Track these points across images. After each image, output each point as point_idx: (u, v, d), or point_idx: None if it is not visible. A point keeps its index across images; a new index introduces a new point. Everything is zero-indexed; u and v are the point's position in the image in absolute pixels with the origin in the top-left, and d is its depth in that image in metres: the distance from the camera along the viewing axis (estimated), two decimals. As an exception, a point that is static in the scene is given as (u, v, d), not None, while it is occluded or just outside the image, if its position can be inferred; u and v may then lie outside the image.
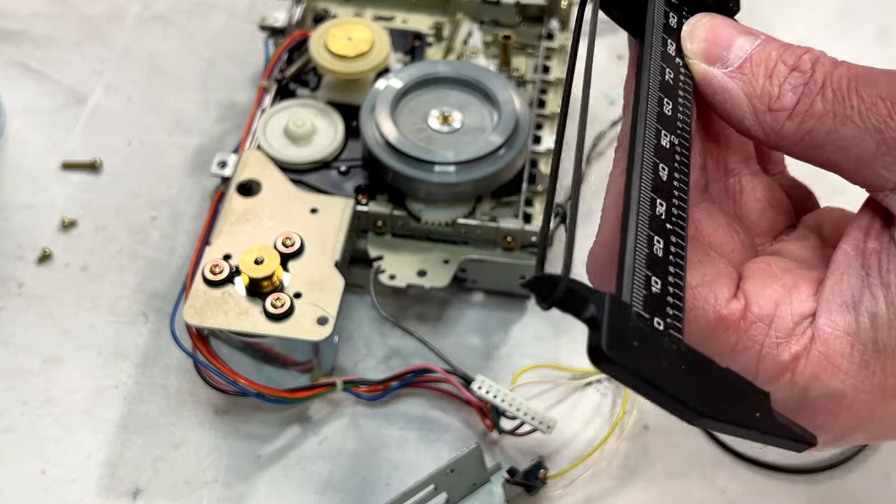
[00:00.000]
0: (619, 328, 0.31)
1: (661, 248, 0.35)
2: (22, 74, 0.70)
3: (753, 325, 0.35)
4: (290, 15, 0.64)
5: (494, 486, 0.51)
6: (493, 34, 0.65)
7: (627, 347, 0.31)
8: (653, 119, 0.38)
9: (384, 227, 0.56)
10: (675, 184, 0.37)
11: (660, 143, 0.37)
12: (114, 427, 0.54)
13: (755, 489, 0.53)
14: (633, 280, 0.33)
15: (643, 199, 0.35)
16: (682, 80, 0.39)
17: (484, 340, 0.58)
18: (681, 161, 0.37)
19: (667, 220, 0.36)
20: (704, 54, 0.39)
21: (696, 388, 0.32)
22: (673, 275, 0.34)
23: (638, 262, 0.34)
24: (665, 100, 0.38)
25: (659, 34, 0.40)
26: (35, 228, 0.62)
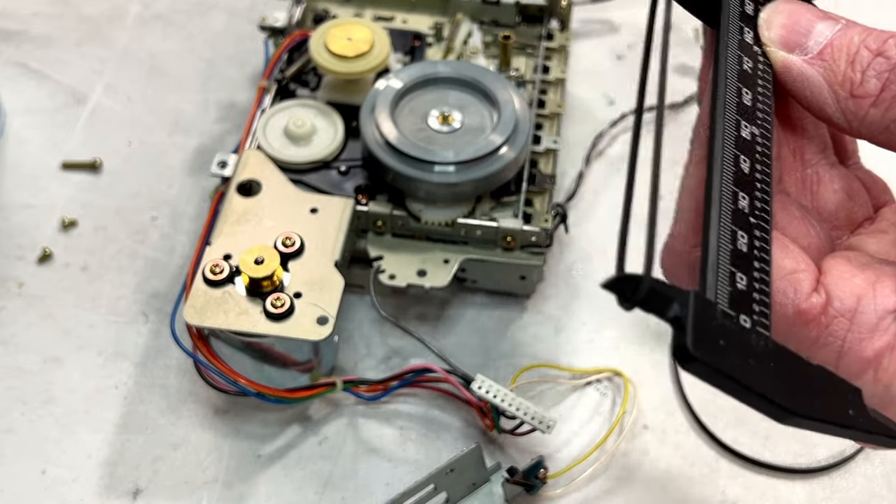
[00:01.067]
0: (705, 327, 0.30)
1: (745, 244, 0.34)
2: (22, 74, 0.70)
3: (835, 319, 0.34)
4: (290, 15, 0.64)
5: (494, 485, 0.52)
6: (493, 34, 0.65)
7: (714, 346, 0.30)
8: (732, 110, 0.36)
9: (384, 227, 0.56)
10: (758, 176, 0.36)
11: (740, 134, 0.36)
12: (114, 427, 0.54)
13: (754, 488, 0.53)
14: (718, 277, 0.32)
15: (725, 193, 0.34)
16: (760, 68, 0.38)
17: (484, 340, 0.58)
18: (762, 152, 0.36)
19: (750, 213, 0.34)
20: (783, 41, 0.38)
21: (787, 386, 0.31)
22: (758, 270, 0.34)
23: (722, 259, 0.33)
24: (744, 89, 0.37)
25: (735, 22, 0.39)
26: (35, 228, 0.62)
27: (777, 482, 0.53)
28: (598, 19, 0.75)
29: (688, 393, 0.56)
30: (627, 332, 0.59)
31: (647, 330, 0.59)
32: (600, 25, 0.75)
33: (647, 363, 0.57)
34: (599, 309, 0.59)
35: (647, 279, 0.31)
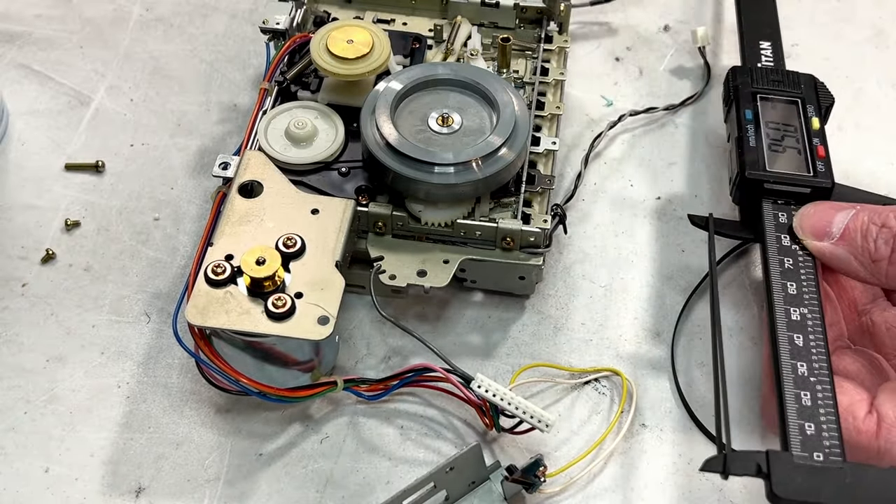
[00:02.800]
0: (783, 474, 0.44)
1: (808, 399, 0.47)
2: (25, 76, 0.71)
3: (889, 430, 0.46)
4: (291, 18, 0.65)
5: (493, 483, 0.52)
6: (492, 37, 0.66)
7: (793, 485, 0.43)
8: (780, 301, 0.50)
9: (384, 228, 0.56)
10: (812, 345, 0.49)
11: (790, 318, 0.50)
12: (116, 426, 0.55)
13: (753, 487, 0.53)
14: (789, 432, 0.46)
15: (785, 366, 0.48)
16: (800, 263, 0.52)
17: (483, 340, 0.58)
18: (812, 326, 0.49)
19: (809, 375, 0.47)
20: (814, 234, 0.52)
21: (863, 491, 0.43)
22: (824, 415, 0.46)
23: (791, 417, 0.46)
24: (789, 283, 0.51)
25: (773, 233, 0.54)
26: (38, 229, 0.63)
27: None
28: (597, 22, 0.75)
29: (685, 392, 0.56)
30: (626, 332, 0.59)
31: (645, 330, 0.59)
32: (598, 28, 0.75)
33: (646, 362, 0.58)
34: (598, 309, 0.60)
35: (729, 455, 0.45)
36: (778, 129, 0.58)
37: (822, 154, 0.57)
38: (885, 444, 0.46)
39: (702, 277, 0.61)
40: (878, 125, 0.70)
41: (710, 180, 0.66)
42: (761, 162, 0.56)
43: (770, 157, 0.57)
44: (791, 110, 0.59)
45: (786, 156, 0.57)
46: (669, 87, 0.72)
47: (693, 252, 0.62)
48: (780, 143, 0.57)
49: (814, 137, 0.58)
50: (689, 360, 0.58)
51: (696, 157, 0.67)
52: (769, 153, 0.57)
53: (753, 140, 0.57)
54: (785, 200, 0.55)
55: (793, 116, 0.59)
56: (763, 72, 0.62)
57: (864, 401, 0.47)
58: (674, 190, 0.66)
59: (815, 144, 0.57)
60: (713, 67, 0.72)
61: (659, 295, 0.61)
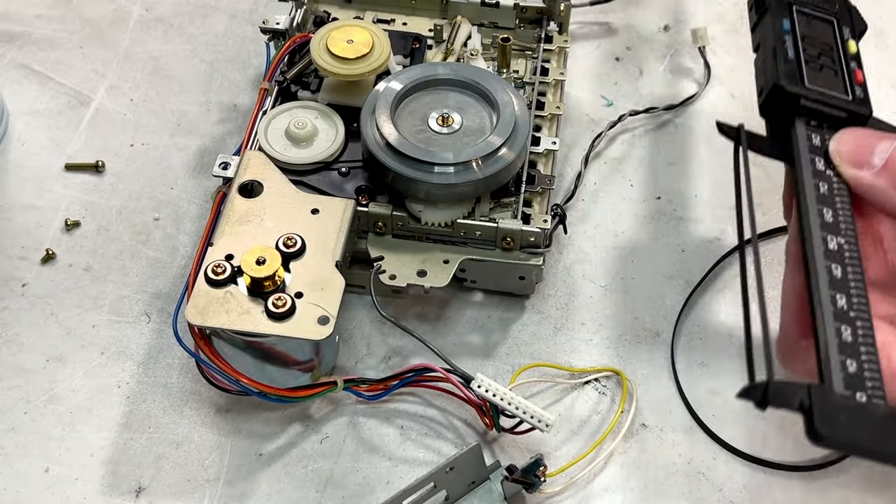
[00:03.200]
0: (826, 410, 0.40)
1: (849, 335, 0.43)
2: (25, 76, 0.71)
3: None
4: (291, 18, 0.65)
5: (493, 483, 0.52)
6: (492, 36, 0.66)
7: (836, 424, 0.39)
8: (817, 228, 0.46)
9: (384, 228, 0.57)
10: (850, 277, 0.45)
11: (828, 247, 0.45)
12: (116, 426, 0.55)
13: (752, 486, 0.53)
14: (831, 367, 0.41)
15: (824, 298, 0.44)
16: (836, 189, 0.48)
17: (483, 339, 0.58)
18: (850, 257, 0.45)
19: (849, 309, 0.43)
20: (852, 161, 0.48)
21: None
22: (865, 353, 0.42)
23: (832, 352, 0.42)
24: (824, 209, 0.47)
25: (807, 155, 0.49)
26: (38, 229, 0.63)
27: (774, 480, 0.53)
28: (597, 22, 0.75)
29: (686, 391, 0.56)
30: (626, 332, 0.59)
31: (645, 330, 0.59)
32: (598, 28, 0.75)
33: (646, 362, 0.58)
34: (598, 309, 0.60)
35: (771, 386, 0.40)
36: (815, 46, 0.53)
37: (861, 79, 0.52)
38: None
39: (701, 277, 0.61)
40: (878, 125, 0.70)
41: (710, 180, 0.66)
42: (799, 76, 0.51)
43: (809, 72, 0.51)
44: (826, 29, 0.55)
45: (823, 74, 0.52)
46: (669, 87, 0.72)
47: (693, 252, 0.62)
48: (818, 61, 0.52)
49: (851, 61, 0.53)
50: (689, 360, 0.58)
51: (696, 157, 0.67)
52: (807, 69, 0.51)
53: (791, 52, 0.52)
54: (819, 122, 0.50)
55: (828, 35, 0.54)
56: None
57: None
58: (674, 190, 0.66)
59: (853, 68, 0.53)
60: (713, 67, 0.72)
61: (659, 295, 0.61)
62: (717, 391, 0.57)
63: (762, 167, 0.67)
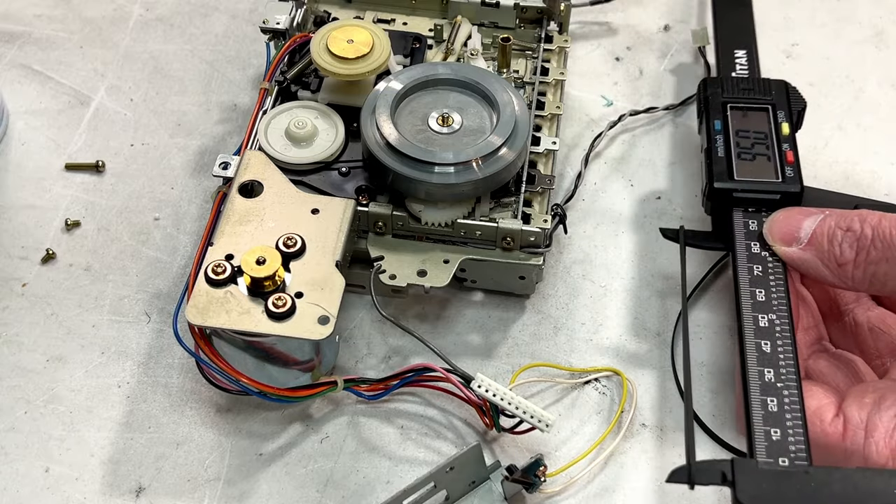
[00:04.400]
0: (747, 481, 0.44)
1: (775, 405, 0.47)
2: (25, 76, 0.71)
3: (855, 433, 0.46)
4: (291, 18, 0.65)
5: (493, 483, 0.52)
6: (493, 36, 0.66)
7: (758, 492, 0.43)
8: (748, 308, 0.50)
9: (384, 228, 0.57)
10: (780, 350, 0.49)
11: (759, 325, 0.50)
12: (117, 425, 0.55)
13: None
14: (755, 438, 0.46)
15: (752, 373, 0.48)
16: (770, 269, 0.52)
17: (483, 339, 0.58)
18: (780, 331, 0.49)
19: (776, 381, 0.47)
20: (782, 240, 0.52)
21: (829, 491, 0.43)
22: (790, 419, 0.46)
23: (756, 423, 0.46)
24: (757, 290, 0.51)
25: (743, 241, 0.54)
26: (39, 229, 0.63)
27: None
28: (597, 22, 0.75)
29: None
30: (626, 332, 0.59)
31: (645, 330, 0.59)
32: (598, 28, 0.75)
33: (646, 362, 0.58)
34: (598, 308, 0.60)
35: (693, 465, 0.44)
36: (748, 138, 0.58)
37: (791, 159, 0.56)
38: (852, 445, 0.46)
39: (701, 277, 0.61)
40: (878, 125, 0.70)
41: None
42: (729, 171, 0.56)
43: (739, 165, 0.56)
44: (762, 117, 0.59)
45: (755, 164, 0.57)
46: (669, 87, 0.72)
47: (693, 252, 0.62)
48: (750, 151, 0.57)
49: (783, 143, 0.57)
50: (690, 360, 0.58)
51: (696, 157, 0.67)
52: (738, 162, 0.56)
53: (722, 150, 0.57)
54: (756, 208, 0.55)
55: (763, 123, 0.59)
56: (734, 81, 0.62)
57: (832, 404, 0.47)
58: (674, 190, 0.66)
59: (785, 150, 0.57)
60: (713, 67, 0.72)
61: (659, 295, 0.61)
62: (718, 391, 0.57)
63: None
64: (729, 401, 0.56)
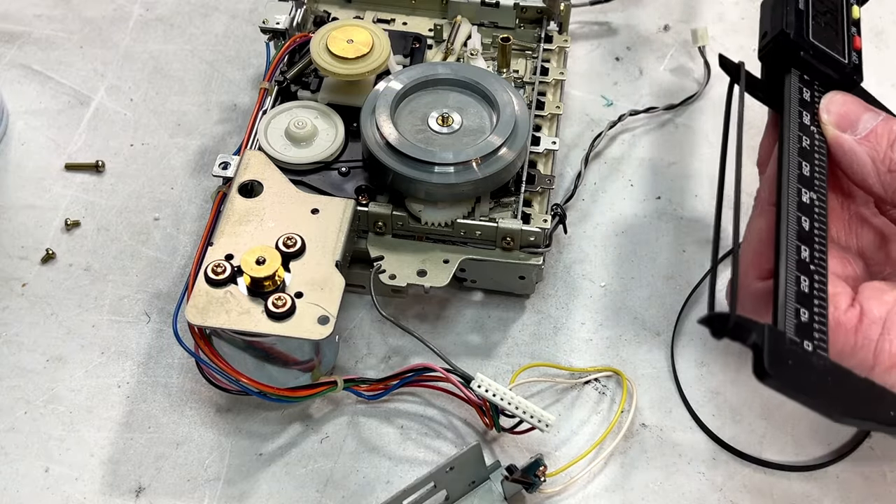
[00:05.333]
0: (777, 351, 0.40)
1: (806, 286, 0.44)
2: (25, 76, 0.71)
3: (870, 326, 0.44)
4: (291, 17, 0.65)
5: (493, 483, 0.52)
6: (492, 36, 0.66)
7: (784, 366, 0.40)
8: (794, 179, 0.47)
9: (384, 228, 0.57)
10: (816, 232, 0.46)
11: (801, 199, 0.46)
12: (116, 425, 0.55)
13: (752, 486, 0.53)
14: (786, 313, 0.42)
15: (790, 247, 0.44)
16: (817, 145, 0.49)
17: (483, 339, 0.58)
18: (819, 213, 0.47)
19: (810, 262, 0.45)
20: (838, 123, 0.49)
21: (840, 395, 0.41)
22: (817, 306, 0.43)
23: (789, 298, 0.43)
24: (804, 163, 0.48)
25: (796, 108, 0.49)
26: (38, 229, 0.63)
27: (774, 479, 0.53)
28: (597, 21, 0.75)
29: (686, 391, 0.56)
30: (626, 332, 0.59)
31: (645, 330, 0.59)
32: (598, 27, 0.75)
33: (646, 362, 0.58)
34: (598, 308, 0.60)
35: (733, 317, 0.40)
36: (822, 2, 0.53)
37: (858, 46, 0.53)
38: (863, 339, 0.44)
39: (701, 277, 0.61)
40: (878, 125, 0.70)
41: (710, 180, 0.66)
42: (805, 27, 0.51)
43: (814, 27, 0.52)
44: None
45: (826, 33, 0.52)
46: (669, 87, 0.72)
47: (693, 252, 0.62)
48: (823, 17, 0.53)
49: (852, 25, 0.54)
50: (689, 359, 0.58)
51: (696, 157, 0.67)
52: (814, 23, 0.52)
53: (802, 2, 0.52)
54: (812, 78, 0.51)
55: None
56: None
57: (847, 294, 0.45)
58: (674, 190, 0.66)
59: (853, 34, 0.53)
60: (713, 67, 0.72)
61: (659, 295, 0.61)
62: (718, 391, 0.57)
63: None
64: (729, 401, 0.56)
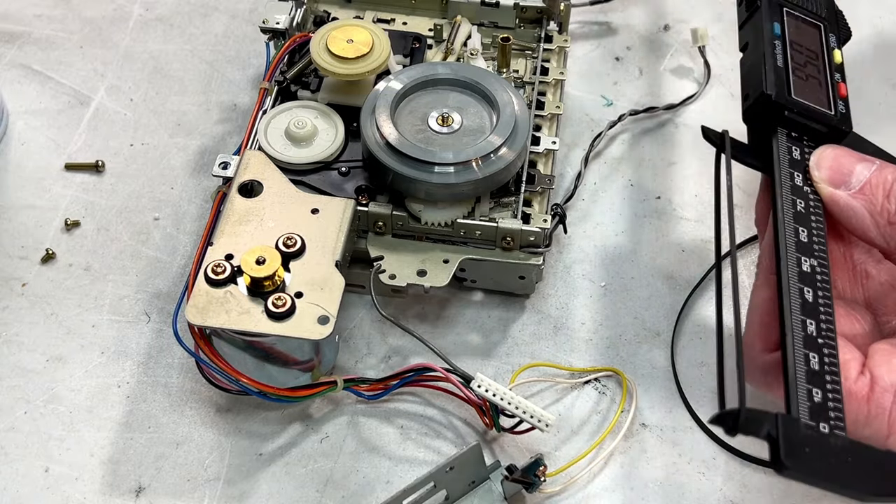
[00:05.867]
0: (792, 440, 0.39)
1: (816, 363, 0.42)
2: (25, 76, 0.71)
3: (882, 394, 0.42)
4: (291, 17, 0.65)
5: (493, 483, 0.52)
6: (492, 36, 0.66)
7: (801, 455, 0.39)
8: (793, 248, 0.45)
9: (384, 228, 0.57)
10: (821, 301, 0.44)
11: (801, 269, 0.44)
12: (116, 425, 0.55)
13: (752, 486, 0.53)
14: (798, 396, 0.41)
15: (795, 323, 0.42)
16: (812, 206, 0.47)
17: (483, 339, 0.58)
18: (822, 280, 0.44)
19: (818, 335, 0.42)
20: (830, 179, 0.47)
21: (863, 473, 0.40)
22: (830, 381, 0.42)
23: (799, 380, 0.41)
24: (800, 229, 0.45)
25: (787, 170, 0.48)
26: (38, 229, 0.63)
27: (774, 479, 0.53)
28: (597, 21, 0.75)
29: (686, 391, 0.56)
30: (626, 332, 0.59)
31: (645, 330, 0.59)
32: (598, 27, 0.75)
33: (646, 362, 0.58)
34: (598, 308, 0.60)
35: (743, 411, 0.39)
36: (801, 53, 0.51)
37: (843, 94, 0.51)
38: (876, 409, 0.42)
39: (701, 277, 0.61)
40: (878, 125, 0.70)
41: (709, 180, 0.66)
42: (787, 86, 0.50)
43: (795, 83, 0.50)
44: (814, 35, 0.53)
45: (809, 86, 0.50)
46: (669, 87, 0.72)
47: (693, 252, 0.62)
48: (804, 70, 0.51)
49: (835, 72, 0.52)
50: (689, 359, 0.58)
51: (696, 157, 0.67)
52: (794, 79, 0.50)
53: (781, 59, 0.50)
54: (799, 135, 0.49)
55: (815, 42, 0.53)
56: None
57: (857, 360, 0.43)
58: (674, 190, 0.66)
59: (837, 81, 0.51)
60: (713, 67, 0.72)
61: (659, 295, 0.61)
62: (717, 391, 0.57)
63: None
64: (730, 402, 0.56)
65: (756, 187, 0.63)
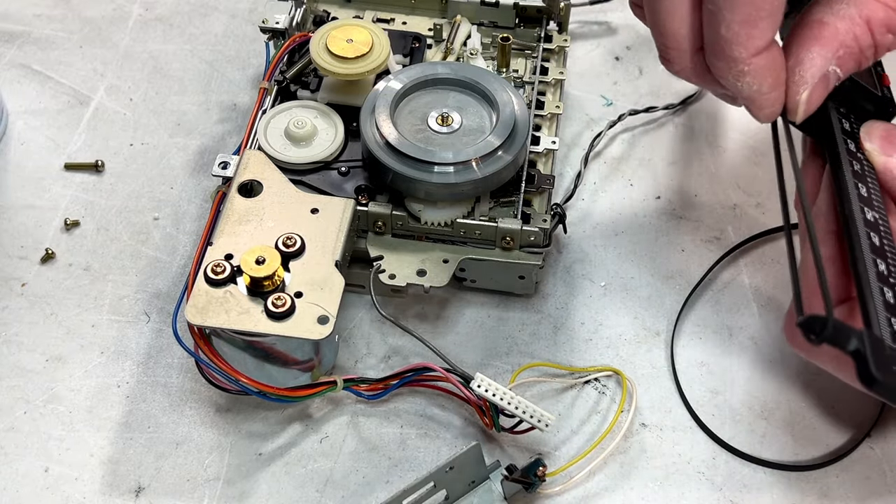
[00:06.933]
0: (881, 356, 0.40)
1: (891, 296, 0.45)
2: (24, 76, 0.71)
3: None
4: (291, 17, 0.65)
5: (493, 483, 0.52)
6: (492, 36, 0.66)
7: (889, 370, 0.40)
8: (856, 199, 0.48)
9: (384, 227, 0.57)
10: (887, 246, 0.47)
11: (866, 217, 0.47)
12: (116, 425, 0.55)
13: (752, 486, 0.53)
14: (880, 323, 0.43)
15: (868, 262, 0.45)
16: (866, 169, 0.50)
17: (483, 339, 0.58)
18: (885, 230, 0.48)
19: (888, 274, 0.46)
20: (883, 148, 0.50)
21: None
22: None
23: (879, 309, 0.43)
24: (859, 184, 0.49)
25: (841, 136, 0.51)
26: (38, 229, 0.63)
27: (774, 479, 0.53)
28: (597, 21, 0.75)
29: (686, 391, 0.56)
30: (626, 332, 0.59)
31: (645, 330, 0.59)
32: (598, 27, 0.75)
33: (645, 362, 0.58)
34: (598, 308, 0.60)
35: (831, 321, 0.40)
36: None
37: (887, 82, 0.54)
38: None
39: (701, 277, 0.61)
40: (878, 125, 0.70)
41: (710, 180, 0.66)
42: None
43: None
44: None
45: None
46: (669, 86, 0.72)
47: (693, 252, 0.62)
48: None
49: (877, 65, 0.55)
50: (689, 360, 0.58)
51: (696, 157, 0.67)
52: None
53: None
54: (847, 108, 0.52)
55: None
56: None
57: None
58: (674, 190, 0.66)
59: (880, 71, 0.55)
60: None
61: (659, 295, 0.61)
62: (718, 391, 0.57)
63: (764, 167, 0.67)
64: (729, 401, 0.56)
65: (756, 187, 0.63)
